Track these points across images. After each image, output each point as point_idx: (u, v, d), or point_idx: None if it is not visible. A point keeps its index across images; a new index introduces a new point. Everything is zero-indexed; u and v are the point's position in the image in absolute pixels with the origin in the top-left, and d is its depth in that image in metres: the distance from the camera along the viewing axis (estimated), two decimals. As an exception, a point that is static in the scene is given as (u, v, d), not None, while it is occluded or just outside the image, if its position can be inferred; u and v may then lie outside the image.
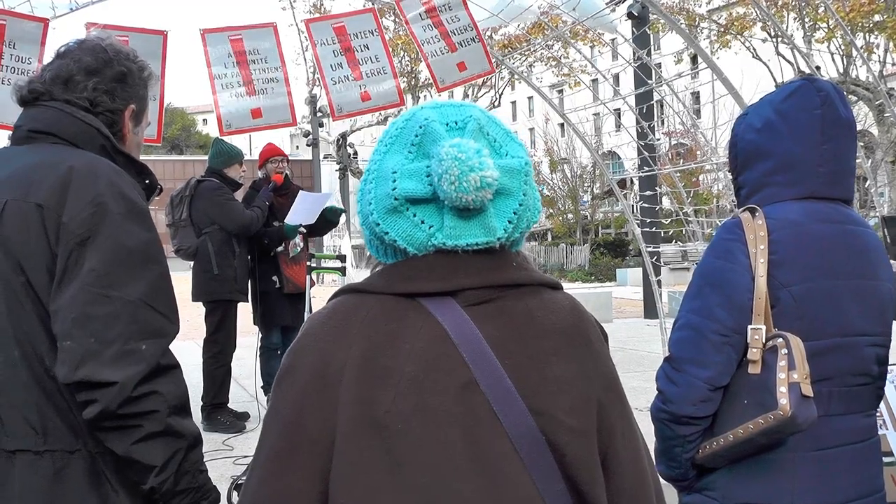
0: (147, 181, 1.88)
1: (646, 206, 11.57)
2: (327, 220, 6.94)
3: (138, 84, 1.93)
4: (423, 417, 1.16)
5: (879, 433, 2.00)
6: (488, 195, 1.18)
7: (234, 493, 4.56)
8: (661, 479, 1.52)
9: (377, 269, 1.30)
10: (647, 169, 9.48)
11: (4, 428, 1.66)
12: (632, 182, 20.53)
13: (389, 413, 1.15)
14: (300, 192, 7.00)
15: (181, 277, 3.73)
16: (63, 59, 1.87)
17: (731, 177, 2.10)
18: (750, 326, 1.80)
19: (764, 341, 1.78)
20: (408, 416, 1.16)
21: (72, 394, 1.62)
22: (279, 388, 1.25)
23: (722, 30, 19.86)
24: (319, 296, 8.77)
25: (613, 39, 10.67)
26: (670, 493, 1.77)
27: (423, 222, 1.21)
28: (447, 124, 1.24)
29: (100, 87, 1.84)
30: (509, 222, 1.23)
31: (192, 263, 6.56)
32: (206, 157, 6.99)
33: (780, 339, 1.75)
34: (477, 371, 1.18)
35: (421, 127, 1.23)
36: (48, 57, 1.96)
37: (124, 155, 1.84)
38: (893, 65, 20.52)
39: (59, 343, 1.60)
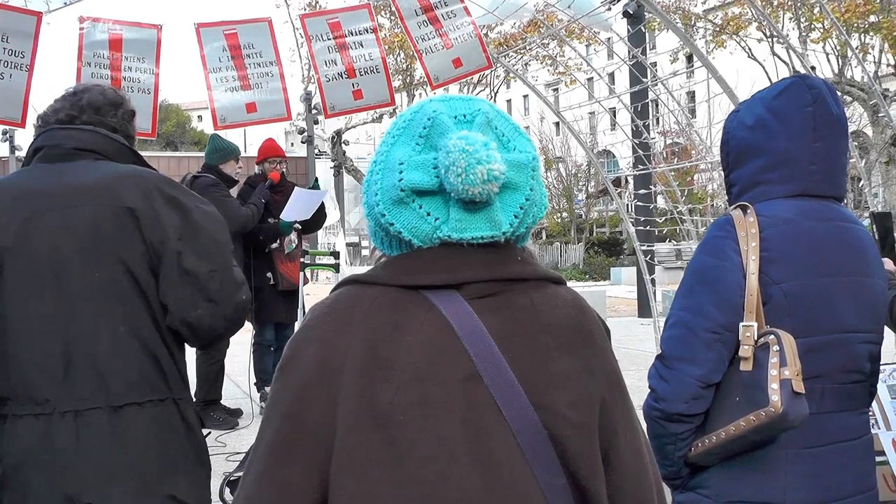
0: None
1: (640, 204, 11.56)
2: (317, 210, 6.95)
3: (135, 125, 2.40)
4: (425, 409, 1.16)
5: (872, 432, 2.00)
6: (495, 188, 1.18)
7: (227, 490, 4.56)
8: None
9: (380, 261, 1.30)
10: (641, 168, 9.49)
11: (109, 389, 2.05)
12: (626, 181, 20.53)
13: (392, 405, 1.15)
14: (295, 188, 6.99)
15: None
16: (85, 93, 2.28)
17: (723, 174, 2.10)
18: (741, 324, 1.80)
19: (755, 338, 1.78)
20: (410, 408, 1.16)
21: (166, 352, 2.13)
22: (280, 379, 1.24)
23: (717, 29, 19.85)
24: (313, 293, 8.75)
25: (609, 38, 10.67)
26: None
27: (428, 214, 1.21)
28: (455, 117, 1.24)
29: (124, 118, 2.30)
30: (515, 216, 1.24)
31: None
32: (200, 154, 6.97)
33: (772, 336, 1.75)
34: (480, 364, 1.18)
35: (429, 119, 1.23)
36: (41, 51, 2.28)
37: (151, 167, 2.27)
38: (888, 65, 20.53)
39: (193, 315, 2.09)
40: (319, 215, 7.12)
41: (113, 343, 2.06)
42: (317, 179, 7.74)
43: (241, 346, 7.08)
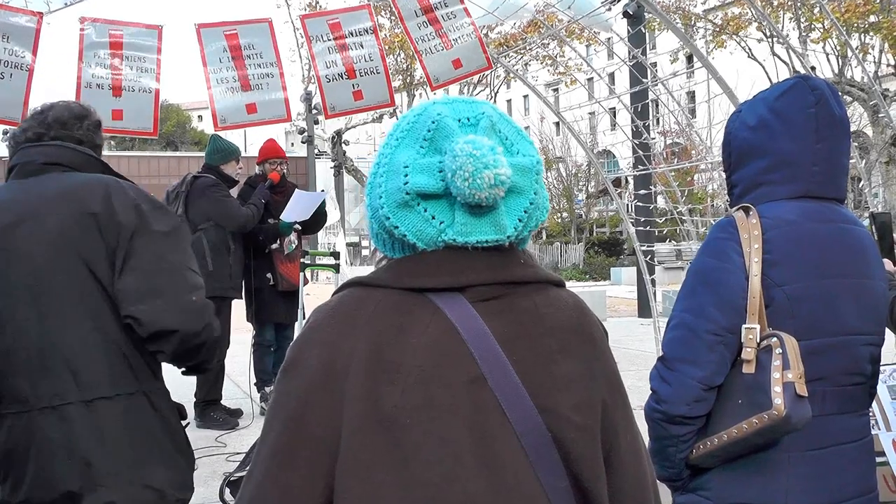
0: None
1: (640, 205, 11.57)
2: (316, 212, 6.94)
3: (102, 136, 2.55)
4: (430, 412, 1.16)
5: (872, 433, 2.00)
6: (501, 193, 1.19)
7: (227, 490, 4.53)
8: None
9: (383, 264, 1.30)
10: (641, 168, 9.48)
11: (79, 383, 2.18)
12: (626, 181, 20.53)
13: (397, 408, 1.15)
14: (295, 190, 6.99)
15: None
16: (51, 110, 2.42)
17: (724, 175, 2.10)
18: (744, 326, 1.80)
19: (758, 341, 1.78)
20: (415, 410, 1.16)
21: (132, 347, 2.23)
22: (283, 381, 1.24)
23: (717, 29, 19.83)
24: (313, 293, 8.75)
25: (609, 38, 10.67)
26: (664, 493, 1.77)
27: (433, 218, 1.21)
28: (459, 120, 1.24)
29: (89, 129, 2.45)
30: (519, 221, 1.24)
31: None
32: (201, 154, 6.97)
33: (775, 339, 1.74)
34: (485, 366, 1.19)
35: (433, 122, 1.23)
36: (42, 52, 2.39)
37: (118, 174, 2.41)
38: (888, 65, 20.52)
39: (135, 309, 2.18)
40: (319, 217, 7.12)
41: (81, 341, 2.20)
42: (323, 191, 7.75)
43: (241, 346, 7.08)
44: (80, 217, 2.23)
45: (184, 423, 2.43)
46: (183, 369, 2.47)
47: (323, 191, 7.69)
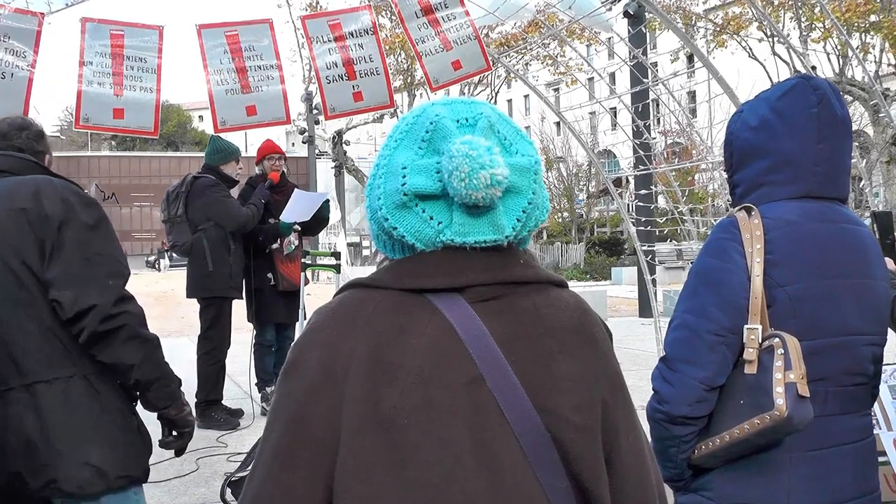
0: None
1: (641, 204, 11.55)
2: (318, 216, 6.95)
3: (47, 143, 2.78)
4: (430, 413, 1.16)
5: (874, 433, 2.00)
6: (498, 193, 1.18)
7: (228, 490, 4.52)
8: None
9: (383, 265, 1.30)
10: (642, 168, 9.48)
11: (20, 369, 2.33)
12: (627, 181, 20.53)
13: (396, 409, 1.15)
14: (295, 190, 6.99)
15: (176, 274, 3.73)
16: None
17: (726, 175, 2.10)
18: (746, 326, 1.79)
19: (760, 341, 1.77)
20: (414, 411, 1.15)
21: (67, 333, 2.35)
22: (284, 382, 1.24)
23: (718, 29, 19.81)
24: (314, 293, 8.75)
25: (609, 38, 10.67)
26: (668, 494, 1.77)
27: (431, 218, 1.21)
28: (458, 121, 1.24)
29: (29, 137, 2.68)
30: (518, 220, 1.24)
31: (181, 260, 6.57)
32: (201, 154, 6.97)
33: (777, 339, 1.74)
34: (483, 367, 1.18)
35: (432, 123, 1.23)
36: (43, 52, 2.49)
37: (57, 175, 2.61)
38: (889, 65, 20.51)
39: (58, 293, 2.32)
40: (320, 219, 7.12)
41: (19, 329, 2.37)
42: (326, 194, 7.74)
43: (242, 347, 7.08)
44: (12, 214, 2.40)
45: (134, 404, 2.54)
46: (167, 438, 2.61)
47: (326, 195, 7.67)
